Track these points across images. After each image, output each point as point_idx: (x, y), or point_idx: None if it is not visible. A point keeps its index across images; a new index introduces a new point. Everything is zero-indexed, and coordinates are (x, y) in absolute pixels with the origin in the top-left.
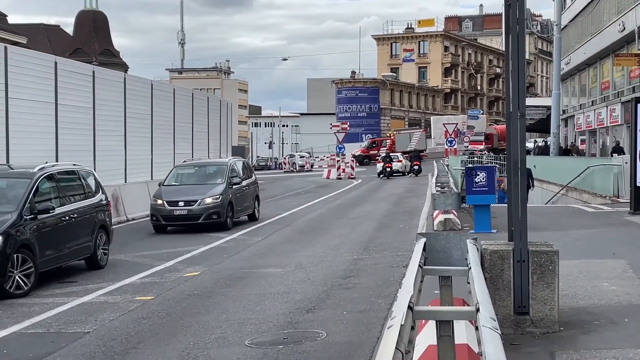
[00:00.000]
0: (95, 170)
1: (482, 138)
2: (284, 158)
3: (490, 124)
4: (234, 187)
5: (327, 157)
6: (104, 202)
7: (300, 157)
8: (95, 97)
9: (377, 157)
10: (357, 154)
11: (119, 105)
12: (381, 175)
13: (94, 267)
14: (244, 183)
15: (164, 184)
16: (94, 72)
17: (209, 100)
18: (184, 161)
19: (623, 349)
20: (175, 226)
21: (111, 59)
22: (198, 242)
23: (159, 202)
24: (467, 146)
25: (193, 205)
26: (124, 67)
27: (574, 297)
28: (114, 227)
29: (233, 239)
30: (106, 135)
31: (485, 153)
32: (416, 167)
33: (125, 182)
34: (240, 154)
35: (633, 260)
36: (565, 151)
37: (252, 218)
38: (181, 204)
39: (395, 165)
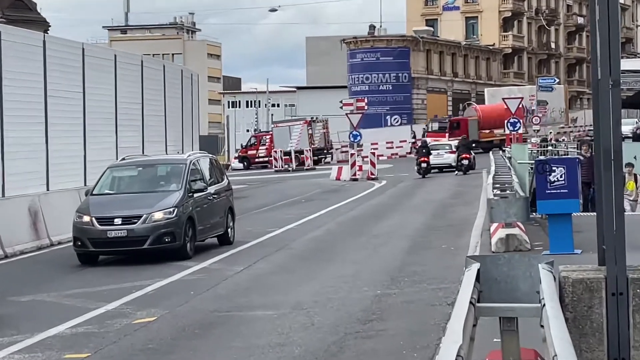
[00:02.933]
0: (3, 174)
1: (446, 125)
2: (275, 151)
3: (469, 104)
4: (195, 195)
5: (337, 148)
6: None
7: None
8: (2, 69)
9: (256, 159)
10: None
11: (35, 80)
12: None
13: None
14: (211, 190)
15: (94, 192)
16: None
17: (166, 70)
18: (123, 158)
19: None
20: (109, 254)
21: (25, 13)
22: (153, 274)
23: (85, 219)
24: (426, 139)
25: (136, 222)
26: (43, 25)
27: None
28: (31, 253)
29: (204, 268)
30: (17, 124)
31: (564, 139)
32: (465, 162)
33: (48, 189)
34: (212, 146)
35: None
36: None
37: (224, 240)
38: (118, 221)
39: (438, 159)
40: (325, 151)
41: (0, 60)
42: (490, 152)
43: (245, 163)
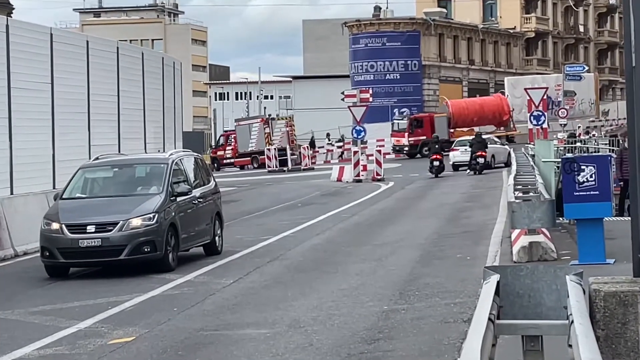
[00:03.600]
0: None
1: (405, 125)
2: (268, 149)
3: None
4: (178, 199)
5: (337, 145)
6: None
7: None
8: None
9: (224, 160)
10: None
11: None
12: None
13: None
14: (197, 193)
15: (63, 196)
16: None
17: (145, 57)
18: (97, 158)
19: None
20: (81, 266)
21: None
22: (132, 288)
23: (54, 226)
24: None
25: (111, 230)
26: (6, 7)
27: None
28: None
29: (188, 281)
30: None
31: (593, 135)
32: (481, 160)
33: (12, 193)
34: (197, 144)
35: None
36: None
37: (211, 250)
38: (91, 229)
39: (465, 156)
40: (291, 152)
41: None
42: (511, 150)
43: (215, 164)
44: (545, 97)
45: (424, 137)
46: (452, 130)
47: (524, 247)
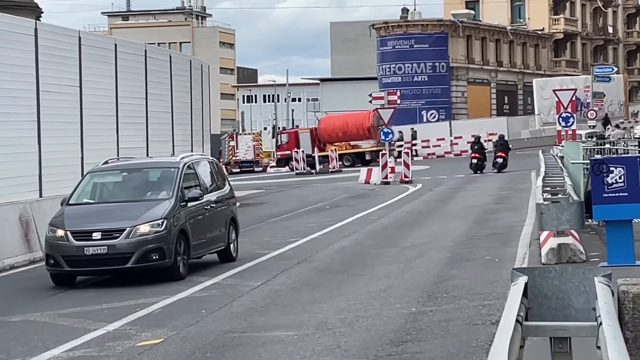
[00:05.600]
0: None
1: (285, 140)
2: (296, 152)
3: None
4: (189, 205)
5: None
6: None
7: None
8: None
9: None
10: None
11: (26, 73)
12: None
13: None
14: (210, 198)
15: (70, 202)
16: None
17: (173, 60)
18: (106, 162)
19: None
20: (87, 274)
21: None
22: (159, 291)
23: (59, 233)
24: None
25: (118, 237)
26: (35, 11)
27: None
28: (23, 268)
29: (216, 284)
30: (5, 122)
31: (622, 137)
32: (500, 160)
33: (41, 196)
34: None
35: None
36: None
37: (225, 257)
38: (97, 236)
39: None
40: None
41: None
42: (540, 151)
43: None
44: (574, 98)
45: (288, 152)
46: (323, 146)
47: (553, 249)
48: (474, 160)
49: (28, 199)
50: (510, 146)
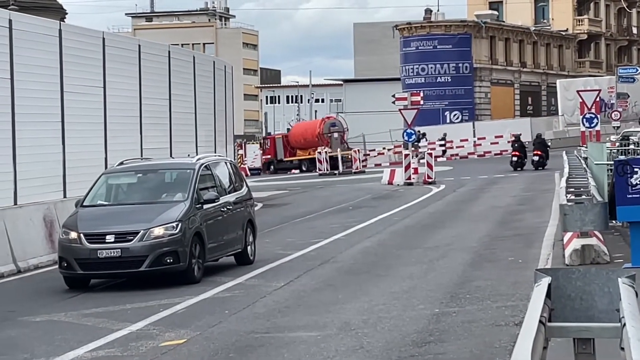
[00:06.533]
0: (15, 180)
1: (268, 145)
2: (319, 153)
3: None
4: (205, 207)
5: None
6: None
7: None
8: (14, 62)
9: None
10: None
11: (50, 74)
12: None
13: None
14: (226, 199)
15: (84, 203)
16: (10, 20)
17: (196, 61)
18: (121, 162)
19: None
20: (100, 277)
21: (39, 0)
22: (182, 291)
23: (72, 235)
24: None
25: (131, 240)
26: (59, 12)
27: None
28: (47, 268)
29: (239, 284)
30: (30, 123)
31: None
32: (536, 158)
33: (65, 196)
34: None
35: None
36: None
37: (243, 259)
38: (110, 239)
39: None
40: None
41: (12, 52)
42: (564, 152)
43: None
44: (598, 99)
45: (269, 156)
46: (294, 151)
47: (577, 250)
48: (514, 158)
49: (52, 199)
50: (549, 144)
